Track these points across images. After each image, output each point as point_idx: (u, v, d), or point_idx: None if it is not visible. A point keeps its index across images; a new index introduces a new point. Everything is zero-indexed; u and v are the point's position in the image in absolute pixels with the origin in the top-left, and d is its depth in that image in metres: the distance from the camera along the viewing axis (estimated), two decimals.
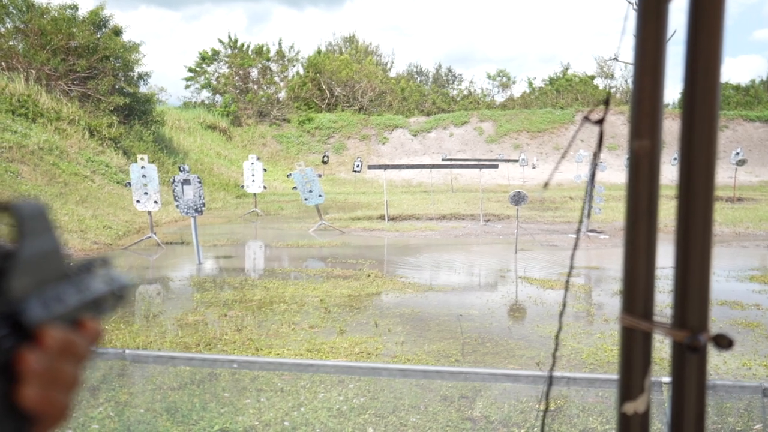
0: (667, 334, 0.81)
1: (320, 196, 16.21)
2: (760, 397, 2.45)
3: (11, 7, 24.21)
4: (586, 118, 0.84)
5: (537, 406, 4.52)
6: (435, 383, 5.01)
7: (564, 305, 0.90)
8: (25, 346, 0.43)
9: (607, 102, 0.81)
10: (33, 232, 0.46)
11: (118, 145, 23.02)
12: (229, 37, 41.66)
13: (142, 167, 13.01)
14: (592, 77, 46.36)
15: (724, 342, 0.80)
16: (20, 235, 0.45)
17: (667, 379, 2.33)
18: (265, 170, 21.44)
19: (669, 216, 1.38)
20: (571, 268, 0.92)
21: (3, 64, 23.01)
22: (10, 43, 24.33)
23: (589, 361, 5.93)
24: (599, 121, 0.83)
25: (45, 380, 0.44)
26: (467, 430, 4.31)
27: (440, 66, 57.40)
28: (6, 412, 0.42)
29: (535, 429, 4.23)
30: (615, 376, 0.95)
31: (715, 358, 5.81)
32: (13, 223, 0.45)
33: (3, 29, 24.38)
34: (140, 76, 27.35)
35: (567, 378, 2.50)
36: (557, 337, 0.97)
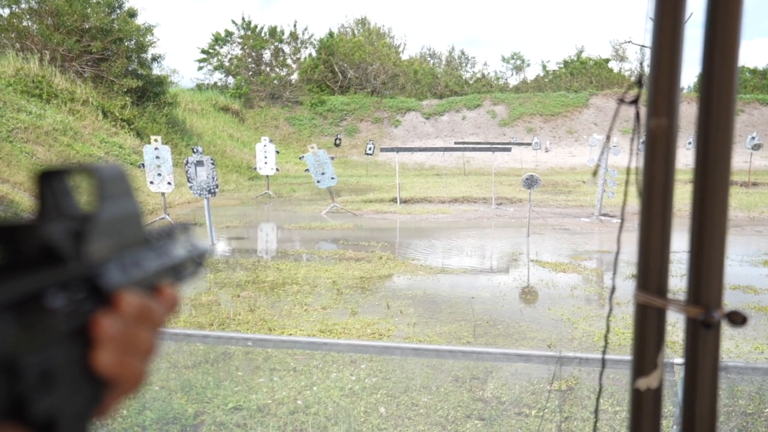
0: (681, 310, 0.83)
1: (333, 178, 16.23)
2: None
3: None
4: (621, 100, 0.85)
5: (548, 386, 4.55)
6: (446, 364, 5.05)
7: (613, 289, 0.92)
8: (101, 310, 0.42)
9: (640, 82, 0.82)
10: (112, 195, 0.45)
11: (132, 126, 23.12)
12: (243, 18, 41.57)
13: (156, 149, 13.07)
14: (607, 60, 45.94)
15: (738, 319, 0.81)
16: (99, 198, 0.44)
17: (679, 360, 2.34)
18: (277, 152, 21.47)
19: (683, 200, 1.39)
20: (618, 251, 0.93)
21: (18, 44, 23.10)
22: (25, 23, 24.40)
23: (600, 343, 5.95)
24: (634, 101, 0.84)
25: (120, 346, 0.43)
26: (478, 410, 4.35)
27: (453, 48, 57.05)
28: (81, 376, 0.41)
29: (546, 410, 4.26)
30: (627, 357, 0.96)
31: (727, 342, 5.81)
32: (92, 186, 0.44)
33: (18, 10, 24.44)
34: (154, 58, 27.40)
35: (579, 358, 2.52)
36: (608, 319, 0.99)
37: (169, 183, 13.12)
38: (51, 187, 0.42)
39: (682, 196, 1.32)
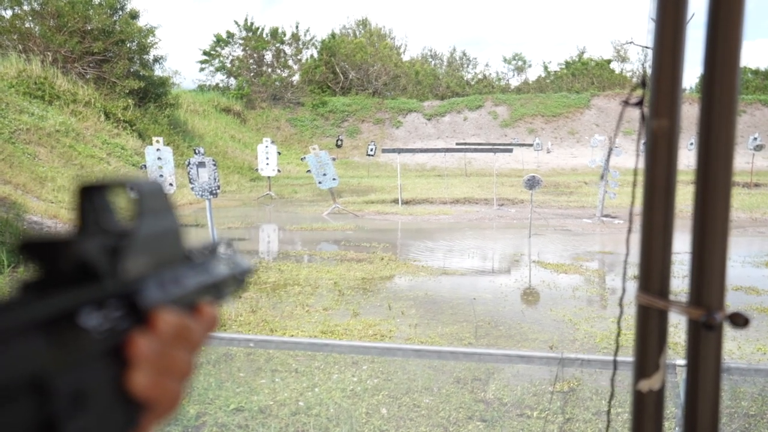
0: (683, 312, 0.82)
1: (334, 179, 16.23)
2: None
3: None
4: (626, 102, 0.85)
5: (550, 388, 4.55)
6: (448, 365, 5.04)
7: (623, 291, 0.91)
8: (138, 329, 0.40)
9: (643, 84, 0.82)
10: (151, 210, 0.44)
11: (134, 127, 23.15)
12: (246, 19, 41.62)
13: (158, 150, 13.08)
14: (609, 61, 45.91)
15: (739, 320, 0.81)
16: (138, 213, 0.42)
17: (681, 361, 2.34)
18: (279, 153, 21.48)
19: (684, 201, 1.39)
20: (627, 254, 0.93)
21: (20, 46, 23.14)
22: (27, 25, 24.44)
23: (602, 345, 5.94)
24: (638, 103, 0.84)
25: (156, 366, 0.41)
26: (480, 411, 4.34)
27: (454, 49, 57.06)
28: (116, 398, 0.40)
29: (548, 411, 4.26)
30: (629, 359, 0.96)
31: (729, 343, 5.80)
32: (131, 201, 0.43)
33: (20, 11, 24.49)
34: (156, 60, 27.45)
35: (581, 360, 2.52)
36: (619, 321, 0.98)
37: (170, 184, 13.13)
38: (91, 202, 0.42)
39: (685, 197, 1.32)
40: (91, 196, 0.42)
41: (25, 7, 24.54)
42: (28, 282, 0.38)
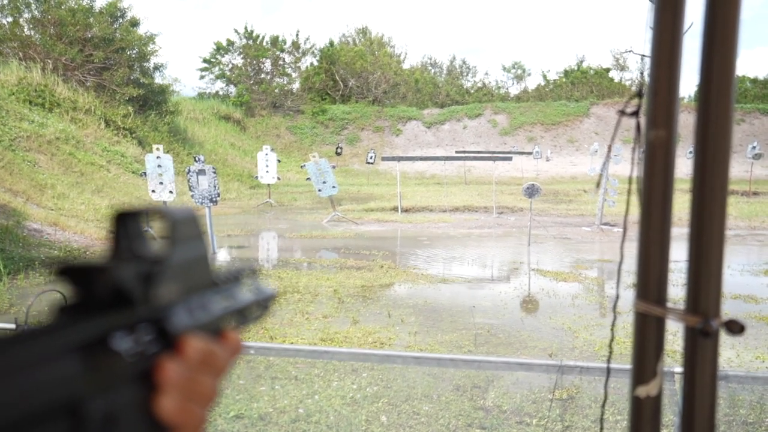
0: (680, 319, 0.83)
1: (334, 187, 16.25)
2: None
3: None
4: (622, 111, 0.86)
5: (550, 396, 4.54)
6: (448, 373, 5.04)
7: (617, 297, 0.92)
8: (166, 354, 0.41)
9: (640, 94, 0.83)
10: (183, 238, 0.45)
11: (134, 135, 23.19)
12: (245, 27, 41.75)
13: (158, 157, 13.09)
14: (608, 70, 46.04)
15: (735, 327, 0.82)
16: (170, 241, 0.44)
17: (679, 369, 2.34)
18: (279, 161, 21.51)
19: (683, 209, 1.40)
20: (621, 261, 0.94)
21: (20, 54, 23.20)
22: (28, 33, 24.51)
23: (601, 353, 5.94)
24: (634, 112, 0.85)
25: (183, 392, 0.42)
26: (480, 419, 4.34)
27: (454, 58, 57.22)
28: (144, 421, 0.40)
29: (547, 419, 4.26)
30: (628, 366, 0.97)
31: (728, 351, 5.80)
32: (164, 229, 0.44)
33: (21, 19, 24.56)
34: (156, 67, 27.52)
35: (580, 367, 2.53)
36: (612, 327, 0.99)
37: (170, 192, 13.14)
38: (126, 229, 0.42)
39: (684, 206, 1.33)
40: (126, 223, 0.42)
41: (26, 15, 24.63)
42: (64, 306, 0.39)
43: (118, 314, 0.39)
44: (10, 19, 24.36)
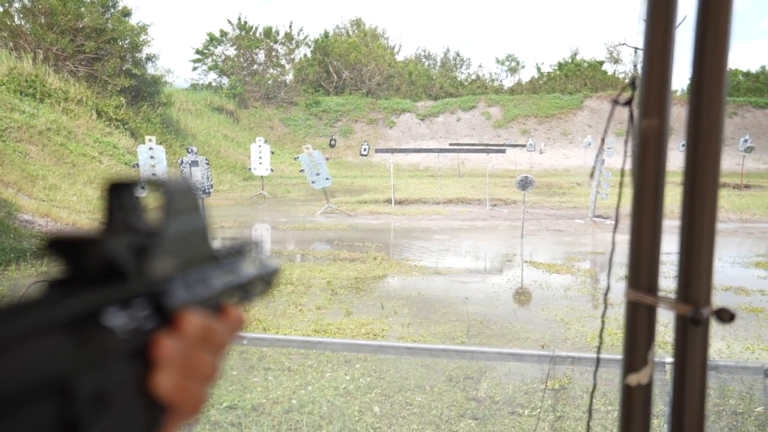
0: (671, 307, 0.84)
1: (327, 179, 16.24)
2: (762, 378, 2.49)
3: None
4: (615, 101, 0.87)
5: (542, 386, 4.57)
6: (440, 364, 5.06)
7: (607, 288, 0.93)
8: (163, 330, 0.40)
9: (633, 84, 0.84)
10: (179, 210, 0.43)
11: (126, 126, 23.08)
12: (239, 18, 41.54)
13: (150, 149, 13.06)
14: (601, 62, 46.05)
15: (726, 316, 0.83)
16: (165, 212, 0.42)
17: (670, 359, 2.36)
18: (272, 153, 21.46)
19: (675, 202, 1.41)
20: (612, 251, 0.95)
21: (11, 43, 23.03)
22: (18, 22, 24.32)
23: (593, 344, 5.98)
24: (627, 102, 0.86)
25: (181, 369, 0.40)
26: (472, 409, 4.37)
27: (448, 50, 57.06)
28: (139, 400, 0.39)
29: (539, 409, 4.29)
30: (619, 356, 0.98)
31: (718, 342, 5.85)
32: (159, 200, 0.42)
33: (11, 9, 24.37)
34: (148, 58, 27.37)
35: (572, 358, 2.55)
36: (603, 316, 1.00)
37: None
38: (119, 200, 0.41)
39: (676, 198, 1.34)
40: (120, 194, 0.41)
41: (17, 4, 24.44)
42: (54, 280, 0.37)
43: (110, 289, 0.37)
44: (0, 9, 24.17)
